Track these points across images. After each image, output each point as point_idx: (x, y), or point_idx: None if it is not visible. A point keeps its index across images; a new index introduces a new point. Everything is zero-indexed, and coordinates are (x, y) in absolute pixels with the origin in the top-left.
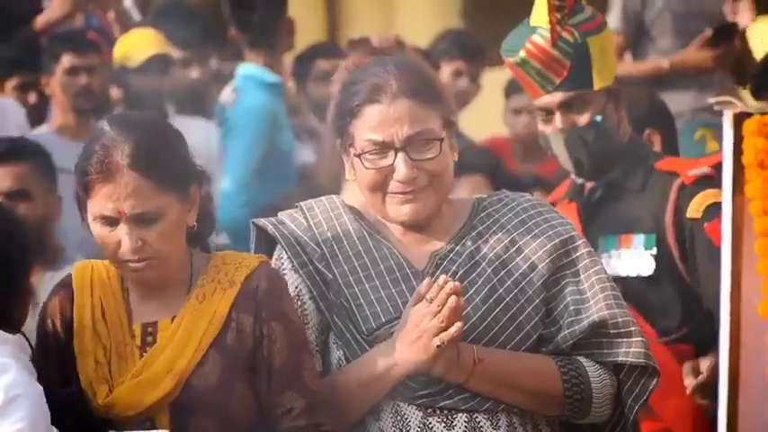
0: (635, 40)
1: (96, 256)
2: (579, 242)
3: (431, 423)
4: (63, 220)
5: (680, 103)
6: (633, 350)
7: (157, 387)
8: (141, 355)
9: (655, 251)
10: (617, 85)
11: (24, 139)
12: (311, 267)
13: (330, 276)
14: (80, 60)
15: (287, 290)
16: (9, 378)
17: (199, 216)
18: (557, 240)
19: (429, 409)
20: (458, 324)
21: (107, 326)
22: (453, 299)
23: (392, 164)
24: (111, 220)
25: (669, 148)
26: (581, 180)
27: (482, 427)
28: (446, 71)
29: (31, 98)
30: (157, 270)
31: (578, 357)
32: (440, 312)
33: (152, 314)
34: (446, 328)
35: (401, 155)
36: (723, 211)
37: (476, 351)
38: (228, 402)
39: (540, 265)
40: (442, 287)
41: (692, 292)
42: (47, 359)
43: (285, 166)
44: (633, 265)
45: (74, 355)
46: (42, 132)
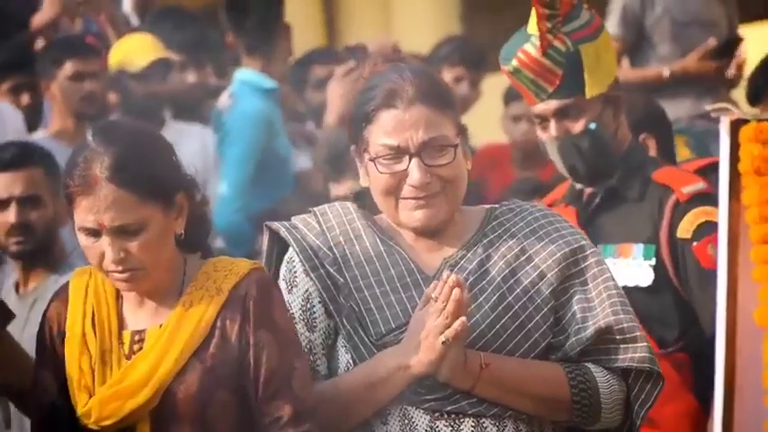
0: (635, 46)
1: None
2: (588, 251)
3: (438, 427)
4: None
5: (678, 109)
6: (638, 355)
7: (137, 396)
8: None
9: (654, 261)
10: (617, 91)
11: (32, 144)
12: (322, 271)
13: (341, 280)
14: (83, 66)
15: (279, 296)
16: None
17: (194, 221)
18: (566, 249)
19: (436, 413)
20: (462, 319)
21: (95, 334)
22: (457, 291)
23: (406, 169)
24: (94, 232)
25: (665, 153)
26: (579, 185)
27: None
28: (447, 78)
29: (24, 100)
30: (143, 280)
31: (586, 363)
32: (444, 309)
33: (143, 321)
34: (450, 325)
35: (415, 160)
36: (719, 217)
37: (482, 357)
38: (210, 411)
39: (550, 274)
40: (446, 282)
41: (689, 304)
42: (44, 367)
43: (282, 172)
44: (632, 274)
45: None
46: (40, 137)
